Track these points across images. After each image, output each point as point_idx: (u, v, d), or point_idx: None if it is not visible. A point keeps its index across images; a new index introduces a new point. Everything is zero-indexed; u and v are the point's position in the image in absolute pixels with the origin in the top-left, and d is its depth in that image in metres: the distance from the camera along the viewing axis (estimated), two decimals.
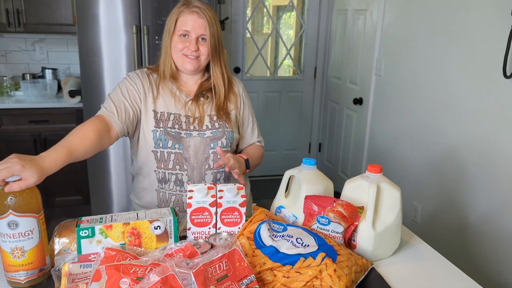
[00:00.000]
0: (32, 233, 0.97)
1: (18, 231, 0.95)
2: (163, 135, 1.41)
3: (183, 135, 1.43)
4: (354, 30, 3.46)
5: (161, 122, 1.43)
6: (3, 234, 0.95)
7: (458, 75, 2.30)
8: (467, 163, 2.26)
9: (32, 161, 1.00)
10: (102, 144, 1.31)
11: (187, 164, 1.44)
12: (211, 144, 1.45)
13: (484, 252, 2.16)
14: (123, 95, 1.42)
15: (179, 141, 1.42)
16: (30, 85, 3.08)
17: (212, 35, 1.40)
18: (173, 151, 1.42)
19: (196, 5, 1.40)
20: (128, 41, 2.69)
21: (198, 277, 0.86)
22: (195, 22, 1.38)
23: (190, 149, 1.43)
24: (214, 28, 1.40)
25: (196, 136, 1.44)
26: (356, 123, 3.50)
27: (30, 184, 0.96)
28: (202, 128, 1.46)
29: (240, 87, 1.59)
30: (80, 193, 3.18)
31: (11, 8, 2.99)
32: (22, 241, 0.96)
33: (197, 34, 1.39)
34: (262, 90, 4.09)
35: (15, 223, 0.94)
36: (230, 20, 3.79)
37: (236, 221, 1.15)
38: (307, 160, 1.25)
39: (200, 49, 1.41)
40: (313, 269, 0.97)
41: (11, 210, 0.93)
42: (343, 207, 1.13)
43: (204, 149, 1.44)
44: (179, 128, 1.43)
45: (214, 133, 1.46)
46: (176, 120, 1.44)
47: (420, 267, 1.17)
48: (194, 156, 1.44)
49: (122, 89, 1.43)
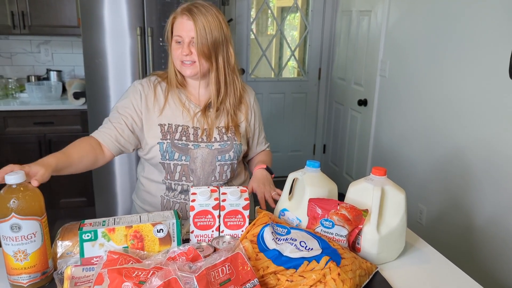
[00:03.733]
0: (34, 236, 0.97)
1: (21, 234, 0.95)
2: (170, 147, 1.39)
3: (191, 146, 1.40)
4: (359, 31, 3.45)
5: (168, 134, 1.40)
6: (6, 237, 0.95)
7: (463, 77, 2.29)
8: (472, 165, 2.24)
9: (32, 163, 1.07)
10: (96, 156, 1.33)
11: (194, 175, 1.42)
12: (218, 156, 1.43)
13: (490, 255, 2.14)
14: (119, 112, 1.40)
15: (186, 153, 1.40)
16: (35, 87, 3.09)
17: (201, 36, 1.30)
18: (180, 162, 1.40)
19: (187, 7, 1.33)
20: (133, 43, 2.70)
21: (200, 281, 0.86)
22: (185, 25, 1.32)
23: (197, 161, 1.41)
24: (203, 30, 1.30)
25: (204, 148, 1.41)
26: (360, 125, 3.48)
27: (43, 175, 1.03)
28: (211, 140, 1.43)
29: (251, 96, 1.54)
30: (84, 194, 3.18)
31: (16, 10, 3.00)
32: (25, 244, 0.96)
33: (188, 38, 1.32)
34: (267, 91, 4.08)
35: (17, 226, 0.94)
36: (234, 22, 3.79)
37: (239, 224, 1.14)
38: (311, 162, 1.24)
39: (194, 52, 1.33)
40: (316, 273, 0.96)
41: (14, 213, 0.93)
42: (347, 210, 1.12)
43: (211, 161, 1.42)
44: (187, 140, 1.40)
45: (222, 145, 1.43)
46: (184, 132, 1.41)
47: (425, 271, 1.16)
48: (201, 168, 1.42)
49: (120, 106, 1.42)
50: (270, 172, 1.50)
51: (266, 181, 1.43)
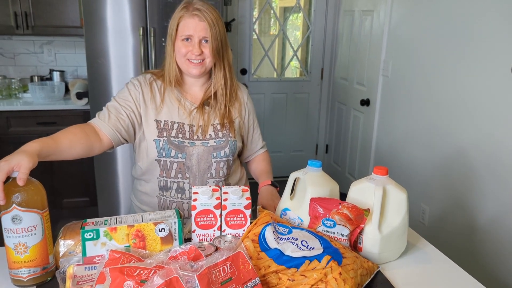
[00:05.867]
0: (35, 229, 0.97)
1: (21, 226, 0.96)
2: (166, 144, 1.40)
3: (187, 143, 1.42)
4: (361, 31, 3.45)
5: (165, 131, 1.41)
6: (7, 229, 0.96)
7: (466, 76, 2.28)
8: (475, 165, 2.23)
9: (13, 153, 1.02)
10: (91, 143, 1.31)
11: (189, 172, 1.43)
12: (214, 153, 1.44)
13: (493, 255, 2.13)
14: (119, 103, 1.41)
15: (182, 150, 1.41)
16: (38, 87, 3.10)
17: (215, 37, 1.36)
18: (176, 160, 1.42)
19: (196, 8, 1.36)
20: (135, 43, 2.70)
21: (202, 280, 0.86)
22: (197, 25, 1.35)
23: (193, 158, 1.42)
24: (216, 30, 1.36)
25: (199, 145, 1.43)
26: (363, 124, 3.48)
27: (26, 166, 0.96)
28: (206, 137, 1.44)
29: (245, 94, 1.57)
30: (87, 194, 3.19)
31: (19, 11, 3.01)
32: (25, 237, 0.97)
33: (199, 37, 1.36)
34: (269, 91, 4.08)
35: (18, 217, 0.95)
36: (237, 22, 3.79)
37: (240, 223, 1.15)
38: (312, 162, 1.24)
39: (204, 51, 1.37)
40: (318, 272, 0.96)
41: (15, 205, 0.94)
42: (348, 210, 1.12)
43: (207, 158, 1.43)
44: (183, 137, 1.42)
45: (218, 142, 1.45)
46: (180, 129, 1.42)
47: (427, 270, 1.16)
48: (197, 165, 1.43)
49: (119, 98, 1.43)
50: (274, 186, 1.54)
51: (273, 197, 1.47)
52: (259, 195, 1.52)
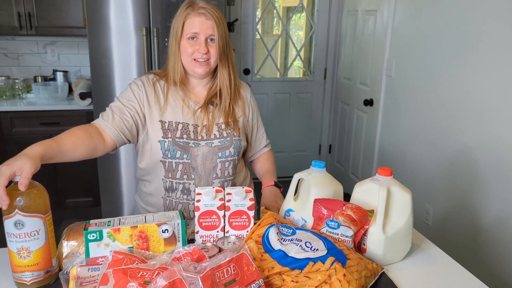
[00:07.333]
0: (38, 233, 0.97)
1: (24, 231, 0.95)
2: (171, 145, 1.40)
3: (191, 144, 1.41)
4: (364, 30, 3.44)
5: (169, 132, 1.41)
6: (10, 234, 0.96)
7: (470, 75, 2.27)
8: (480, 165, 2.22)
9: (15, 157, 1.00)
10: (94, 144, 1.30)
11: (195, 173, 1.42)
12: (219, 153, 1.44)
13: (497, 256, 2.12)
14: (123, 104, 1.40)
15: (187, 151, 1.41)
16: (42, 87, 3.11)
17: (221, 36, 1.37)
18: (181, 161, 1.41)
19: (202, 6, 1.36)
20: (138, 43, 2.70)
21: (205, 281, 0.85)
22: (203, 23, 1.35)
23: (198, 159, 1.42)
24: (222, 29, 1.37)
25: (204, 146, 1.42)
26: (366, 124, 3.47)
27: (28, 171, 0.95)
28: (210, 137, 1.44)
29: (248, 92, 1.57)
30: (90, 194, 3.20)
31: (22, 11, 3.02)
32: (28, 241, 0.96)
33: (206, 35, 1.36)
34: (272, 91, 4.08)
35: (21, 222, 0.95)
36: (240, 22, 3.78)
37: (244, 224, 1.14)
38: (316, 162, 1.24)
39: (210, 51, 1.37)
40: (322, 273, 0.95)
41: (18, 209, 0.94)
42: (352, 211, 1.11)
43: (212, 158, 1.43)
44: (187, 138, 1.41)
45: (222, 142, 1.44)
46: (184, 129, 1.42)
47: (432, 272, 1.15)
48: (202, 165, 1.42)
49: (123, 98, 1.42)
50: (278, 186, 1.53)
51: (277, 198, 1.46)
52: (262, 196, 1.51)
